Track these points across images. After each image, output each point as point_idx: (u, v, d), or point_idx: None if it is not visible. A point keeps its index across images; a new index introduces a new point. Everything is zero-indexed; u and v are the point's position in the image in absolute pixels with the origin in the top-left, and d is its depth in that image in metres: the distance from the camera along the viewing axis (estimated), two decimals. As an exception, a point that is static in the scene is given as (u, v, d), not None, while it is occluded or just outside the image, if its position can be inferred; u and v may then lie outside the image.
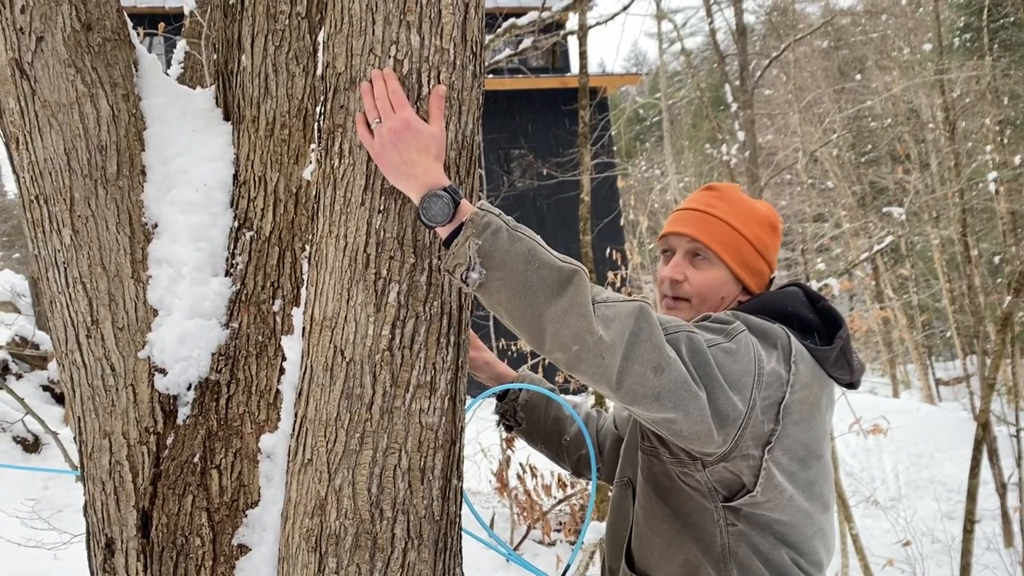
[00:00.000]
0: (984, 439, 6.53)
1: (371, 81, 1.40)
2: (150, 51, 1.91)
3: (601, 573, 1.87)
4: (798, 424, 1.49)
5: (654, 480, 1.59)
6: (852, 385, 1.65)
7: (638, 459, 1.67)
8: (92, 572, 1.69)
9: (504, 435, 7.50)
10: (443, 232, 1.36)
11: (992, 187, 14.37)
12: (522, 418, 2.06)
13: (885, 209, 15.57)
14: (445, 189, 1.34)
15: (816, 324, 1.59)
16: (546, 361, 9.38)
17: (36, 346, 8.45)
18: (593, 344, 1.29)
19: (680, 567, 1.56)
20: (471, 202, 1.45)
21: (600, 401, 6.31)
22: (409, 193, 1.37)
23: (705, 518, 1.52)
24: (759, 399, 1.42)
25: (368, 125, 1.40)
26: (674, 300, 1.68)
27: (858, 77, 24.35)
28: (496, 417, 2.11)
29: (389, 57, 1.41)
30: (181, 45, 3.05)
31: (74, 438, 1.74)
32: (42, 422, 3.77)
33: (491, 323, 9.39)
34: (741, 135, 10.58)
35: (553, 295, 1.31)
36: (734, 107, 10.81)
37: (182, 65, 3.12)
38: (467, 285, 1.34)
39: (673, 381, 1.32)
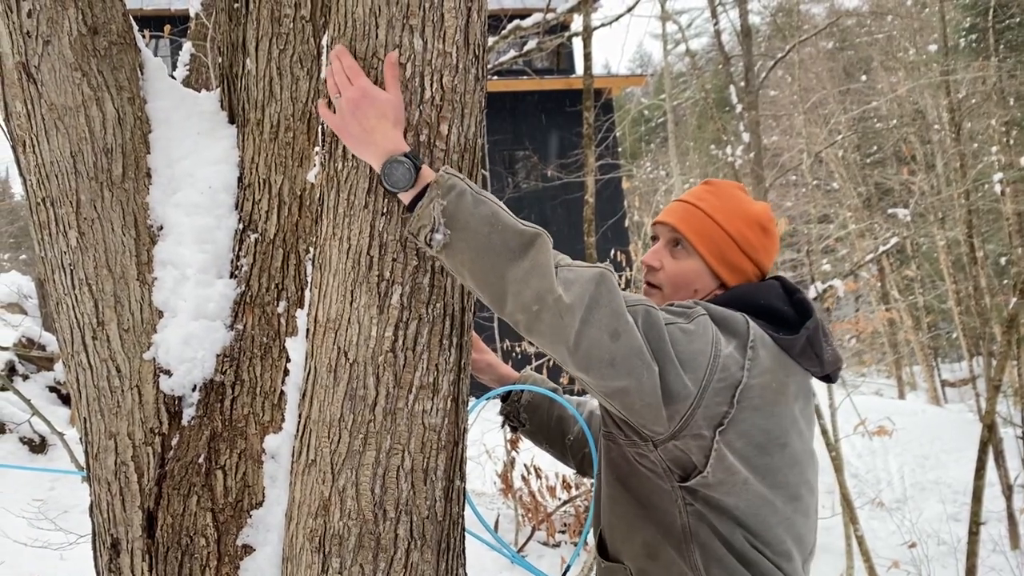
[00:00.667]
0: (990, 441, 6.52)
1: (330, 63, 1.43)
2: (156, 53, 1.92)
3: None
4: (758, 410, 1.47)
5: (613, 465, 1.60)
6: (827, 378, 1.64)
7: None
8: (98, 572, 1.71)
9: (509, 436, 7.51)
10: (406, 197, 1.38)
11: (998, 188, 14.34)
12: (525, 419, 2.07)
13: (891, 210, 15.55)
14: (406, 155, 1.36)
15: (790, 316, 1.58)
16: (551, 362, 9.38)
17: (43, 347, 8.48)
18: (552, 303, 1.31)
19: (640, 547, 1.57)
20: None
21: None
22: (371, 161, 1.39)
23: (663, 499, 1.52)
24: (713, 381, 1.41)
25: (329, 105, 1.43)
26: (648, 286, 1.71)
27: (863, 78, 24.31)
28: (500, 418, 2.12)
29: (392, 60, 1.42)
30: (187, 47, 3.06)
31: (80, 439, 1.76)
32: (48, 423, 3.78)
33: (495, 324, 9.39)
34: (746, 136, 10.58)
35: (516, 257, 1.33)
36: (739, 108, 10.80)
37: (188, 67, 3.13)
38: (431, 247, 1.35)
39: (628, 347, 1.32)
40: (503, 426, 2.14)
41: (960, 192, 15.70)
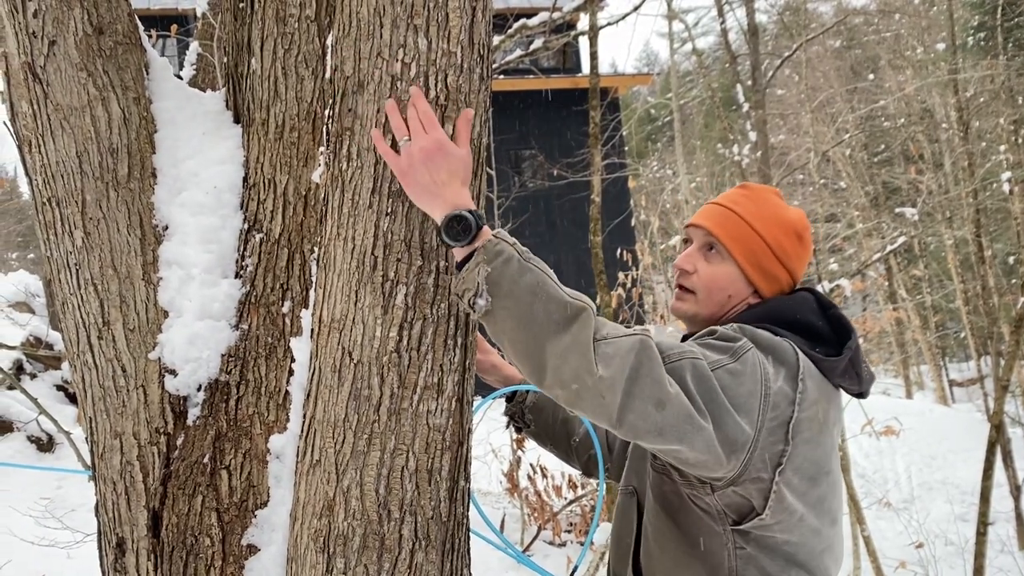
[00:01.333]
0: (998, 441, 6.50)
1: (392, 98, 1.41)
2: (163, 53, 1.93)
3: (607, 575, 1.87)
4: (808, 442, 1.46)
5: (664, 498, 1.56)
6: (861, 395, 1.62)
7: (646, 470, 1.64)
8: (104, 571, 1.71)
9: (514, 436, 7.50)
10: (458, 254, 1.36)
11: (1006, 187, 14.28)
12: (530, 420, 2.06)
13: (898, 209, 15.49)
14: (471, 212, 1.34)
15: (826, 332, 1.57)
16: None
17: (50, 346, 8.51)
18: (592, 384, 1.27)
19: None
20: (478, 203, 1.46)
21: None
22: (432, 211, 1.37)
23: (713, 540, 1.50)
24: (767, 420, 1.39)
25: (387, 141, 1.40)
26: (682, 290, 1.67)
27: (871, 77, 24.23)
28: (505, 419, 2.12)
29: (397, 60, 1.42)
30: (193, 47, 3.07)
31: (86, 438, 1.76)
32: (55, 422, 3.79)
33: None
34: (753, 135, 10.54)
35: (557, 330, 1.29)
36: (746, 107, 10.77)
37: (194, 67, 3.14)
38: (474, 311, 1.34)
39: (675, 415, 1.29)
40: (507, 427, 2.14)
41: (968, 191, 15.65)
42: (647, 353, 1.30)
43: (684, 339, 1.65)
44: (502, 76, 12.73)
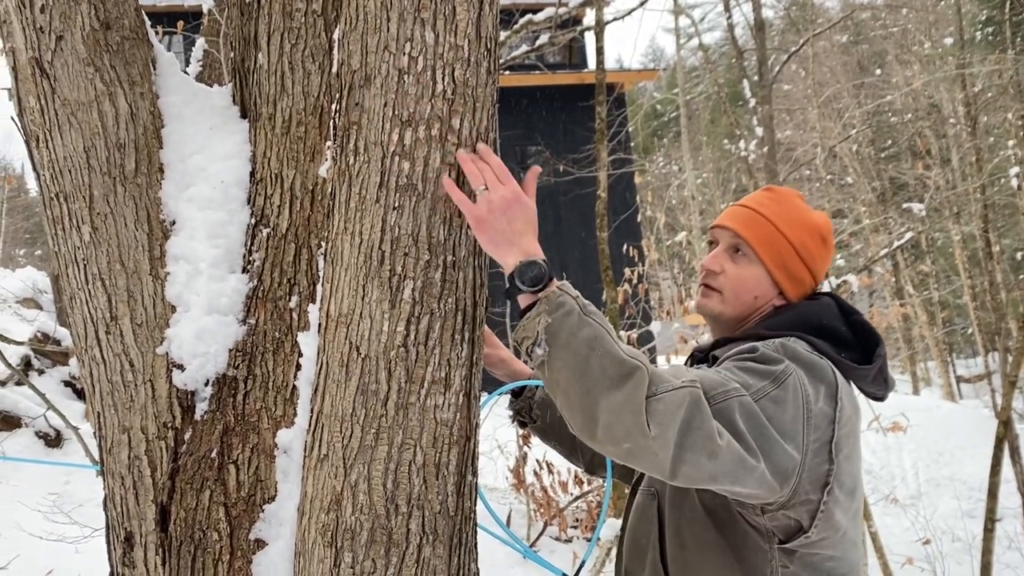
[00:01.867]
0: (1005, 437, 6.47)
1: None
2: (169, 49, 1.93)
3: (616, 571, 1.87)
4: (847, 458, 1.50)
5: (711, 510, 1.57)
6: (883, 398, 1.66)
7: None
8: (112, 566, 1.71)
9: (520, 432, 7.50)
10: (523, 301, 1.41)
11: (1014, 182, 14.21)
12: (537, 415, 2.06)
13: (905, 205, 15.45)
14: (544, 260, 1.40)
15: (849, 338, 1.60)
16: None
17: (58, 342, 8.54)
18: (645, 444, 1.29)
19: None
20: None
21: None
22: (506, 257, 1.41)
23: (758, 556, 1.52)
24: (811, 443, 1.42)
25: (456, 187, 1.45)
26: (708, 289, 1.70)
27: (878, 72, 24.14)
28: (511, 413, 2.11)
29: (404, 54, 1.42)
30: (200, 43, 3.07)
31: (94, 433, 1.76)
32: (63, 417, 3.81)
33: (507, 320, 9.39)
34: (759, 131, 10.51)
35: (611, 386, 1.31)
36: (752, 102, 10.74)
37: (201, 63, 3.14)
38: (531, 359, 1.37)
39: (728, 462, 1.31)
40: (513, 422, 2.13)
41: (976, 186, 15.58)
42: (697, 407, 1.31)
43: (715, 345, 1.67)
44: (508, 72, 12.72)
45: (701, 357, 1.70)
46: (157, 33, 1.98)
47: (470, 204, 1.42)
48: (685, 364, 1.76)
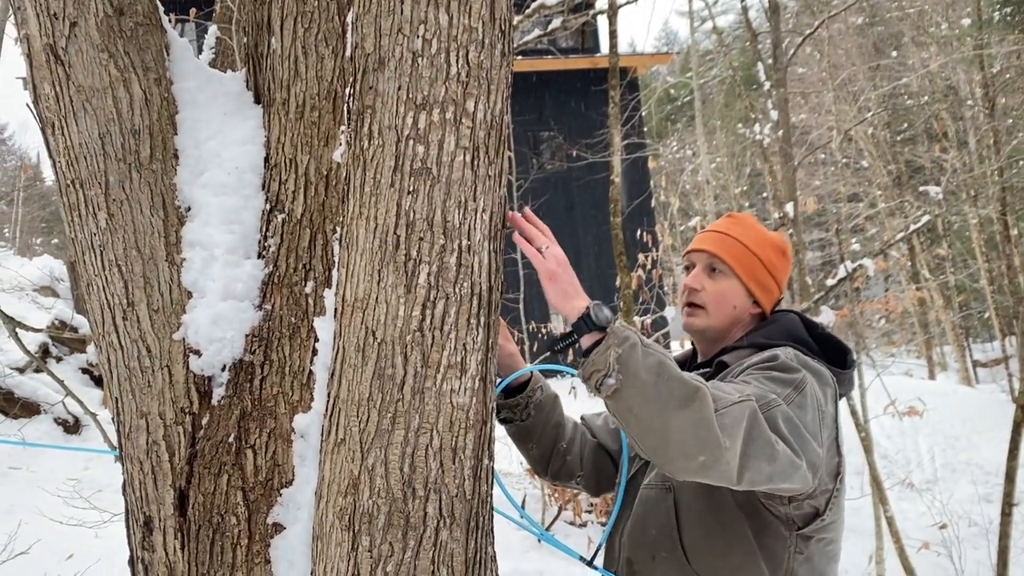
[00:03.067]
0: (1023, 421, 6.43)
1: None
2: (182, 36, 1.92)
3: (609, 562, 1.89)
4: (839, 450, 1.73)
5: (740, 504, 1.71)
6: (847, 395, 1.91)
7: None
8: (132, 550, 1.73)
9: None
10: (587, 341, 1.51)
11: (1033, 164, 14.04)
12: (530, 414, 2.03)
13: (922, 188, 15.31)
14: (610, 306, 1.53)
15: (817, 349, 1.82)
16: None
17: (75, 329, 8.61)
18: (720, 455, 1.44)
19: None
20: (501, 184, 1.50)
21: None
22: (575, 306, 1.54)
23: (778, 543, 1.69)
24: (825, 439, 1.64)
25: (528, 244, 1.62)
26: (693, 307, 1.90)
27: (894, 54, 23.87)
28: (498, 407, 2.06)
29: (418, 36, 1.41)
30: (212, 30, 3.06)
31: (112, 419, 1.77)
32: (82, 404, 3.83)
33: (521, 306, 9.38)
34: (774, 114, 10.42)
35: (681, 406, 1.44)
36: (767, 86, 10.64)
37: (213, 51, 3.13)
38: (599, 391, 1.48)
39: (783, 464, 1.50)
40: (497, 413, 2.06)
41: (993, 169, 15.42)
42: (755, 418, 1.49)
43: (721, 352, 1.85)
44: (520, 57, 12.65)
45: (702, 363, 1.90)
46: (170, 20, 1.97)
47: (542, 260, 1.59)
48: None
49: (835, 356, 1.83)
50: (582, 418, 2.18)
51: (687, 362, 2.00)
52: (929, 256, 23.69)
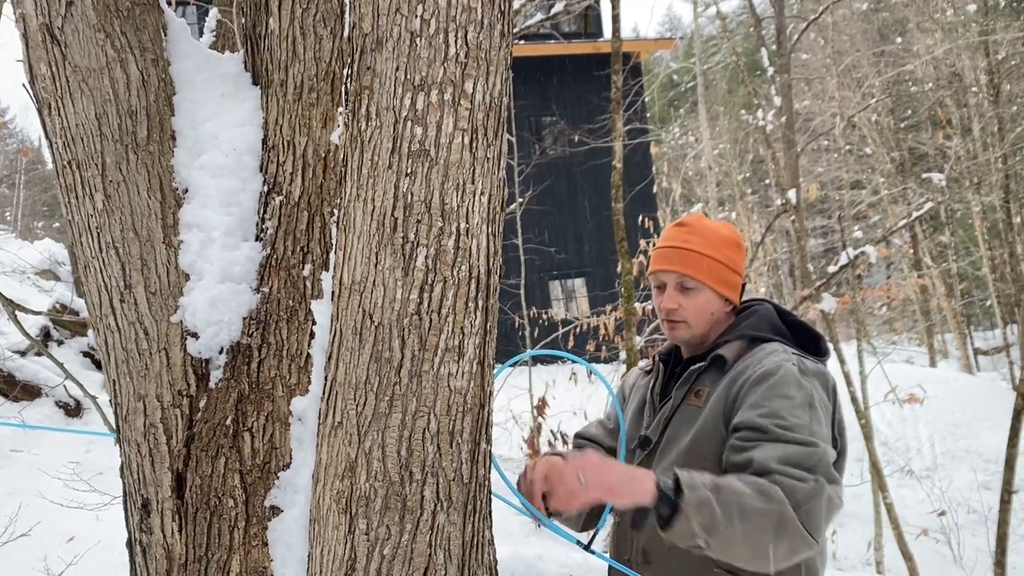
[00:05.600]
0: (1023, 409, 6.43)
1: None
2: (182, 19, 1.91)
3: (618, 551, 1.89)
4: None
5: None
6: None
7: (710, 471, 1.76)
8: (130, 532, 1.73)
9: (536, 402, 7.52)
10: (664, 510, 1.54)
11: (1037, 152, 13.98)
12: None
13: (925, 175, 15.26)
14: (658, 479, 1.56)
15: (789, 335, 1.90)
16: (577, 330, 9.36)
17: (75, 312, 8.61)
18: (814, 549, 1.57)
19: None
20: (500, 167, 1.47)
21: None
22: (645, 485, 1.55)
23: None
24: (831, 432, 1.73)
25: (584, 493, 1.61)
26: (674, 323, 1.95)
27: (898, 40, 23.73)
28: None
29: (416, 16, 1.39)
30: (213, 13, 3.04)
31: (110, 401, 1.77)
32: (82, 387, 3.83)
33: (522, 291, 9.37)
34: (777, 100, 10.37)
35: (774, 538, 1.53)
36: (770, 72, 10.59)
37: (214, 33, 3.12)
38: (691, 551, 1.55)
39: (835, 508, 1.61)
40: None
41: (997, 156, 15.36)
42: (822, 494, 1.58)
43: (715, 346, 1.90)
44: (522, 41, 12.59)
45: (693, 357, 1.94)
46: (169, 4, 1.95)
47: (601, 489, 1.57)
48: (653, 360, 2.06)
49: (808, 343, 1.88)
50: (578, 435, 2.18)
51: (672, 353, 2.04)
52: (931, 243, 23.66)
